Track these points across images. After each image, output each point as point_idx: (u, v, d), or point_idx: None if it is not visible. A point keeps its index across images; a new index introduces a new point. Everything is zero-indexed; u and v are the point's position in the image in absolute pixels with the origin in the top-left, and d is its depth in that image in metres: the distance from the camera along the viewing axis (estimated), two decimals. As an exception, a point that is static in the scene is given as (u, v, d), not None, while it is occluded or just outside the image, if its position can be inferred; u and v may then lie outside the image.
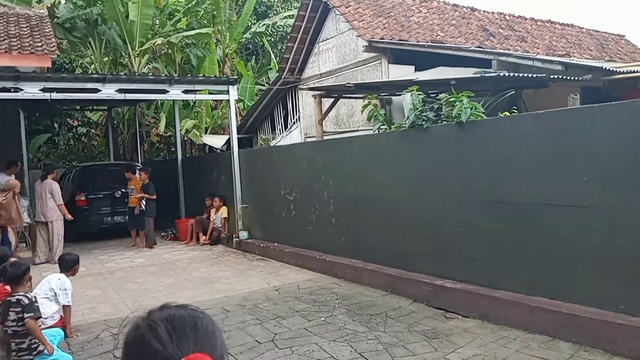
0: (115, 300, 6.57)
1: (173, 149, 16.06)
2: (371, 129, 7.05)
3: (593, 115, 4.33)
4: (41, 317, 4.23)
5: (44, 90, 8.54)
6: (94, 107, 16.58)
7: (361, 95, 10.44)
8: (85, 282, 7.74)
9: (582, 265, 4.33)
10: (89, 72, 17.53)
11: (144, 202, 10.39)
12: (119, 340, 0.98)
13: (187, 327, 0.96)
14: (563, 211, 4.45)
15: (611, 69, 8.22)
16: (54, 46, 9.97)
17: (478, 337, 4.51)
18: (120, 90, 9.37)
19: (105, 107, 16.16)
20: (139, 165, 12.33)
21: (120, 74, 14.11)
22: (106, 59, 17.29)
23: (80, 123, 19.14)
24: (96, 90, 9.10)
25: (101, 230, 11.96)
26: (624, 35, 19.15)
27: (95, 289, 7.29)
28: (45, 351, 4.02)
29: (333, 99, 11.01)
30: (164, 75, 12.88)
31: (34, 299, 4.05)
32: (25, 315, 3.89)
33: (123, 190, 11.40)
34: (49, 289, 4.95)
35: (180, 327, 0.95)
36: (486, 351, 4.18)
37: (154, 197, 10.36)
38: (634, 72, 8.28)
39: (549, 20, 17.23)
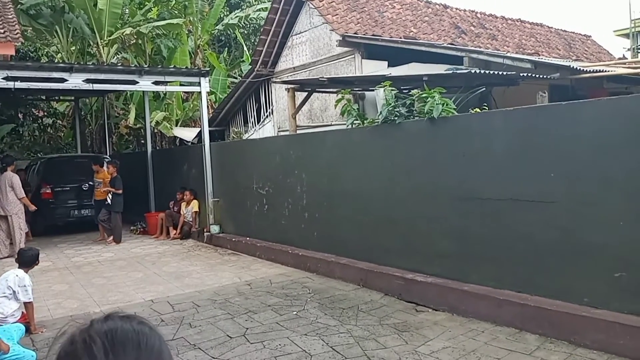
0: (82, 295, 6.42)
1: (143, 141, 15.76)
2: (344, 124, 7.06)
3: (561, 113, 4.43)
4: None
5: (7, 78, 8.24)
6: (61, 97, 16.14)
7: (335, 90, 10.44)
8: (52, 276, 7.55)
9: (548, 259, 4.44)
10: (55, 61, 17.03)
11: (110, 196, 10.16)
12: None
13: (129, 345, 0.83)
14: (530, 206, 4.55)
15: (578, 68, 8.42)
16: (17, 33, 9.62)
17: (447, 329, 4.59)
18: (87, 81, 9.12)
19: (73, 98, 15.74)
20: (107, 158, 12.07)
21: (88, 63, 13.73)
22: (73, 48, 16.81)
23: (46, 114, 18.58)
24: (62, 80, 8.84)
25: (68, 224, 11.66)
26: (590, 36, 19.68)
27: (62, 283, 7.11)
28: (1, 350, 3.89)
29: (306, 93, 10.98)
30: (133, 65, 12.60)
31: None
32: None
33: (90, 183, 11.14)
34: (7, 287, 4.80)
35: (120, 345, 0.82)
36: (455, 344, 4.25)
37: (120, 191, 10.13)
38: (599, 71, 8.51)
39: (519, 19, 17.57)
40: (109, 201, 10.15)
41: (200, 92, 10.23)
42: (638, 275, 3.87)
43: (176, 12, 17.48)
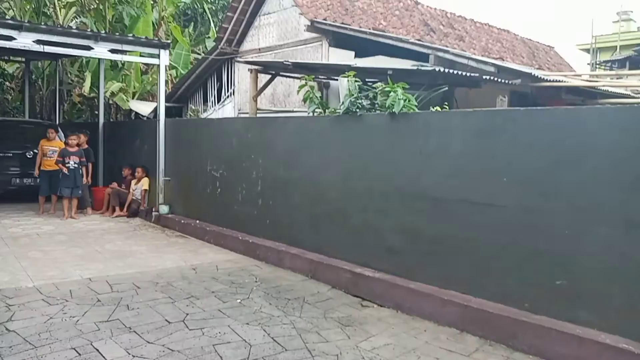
0: (16, 269, 6.06)
1: (96, 111, 15.11)
2: (306, 111, 6.92)
3: (518, 118, 4.45)
4: None
5: (-52, 32, 7.65)
6: (10, 57, 15.20)
7: (299, 76, 10.27)
8: (-17, 247, 7.11)
9: (493, 263, 4.48)
10: (7, 17, 16.04)
11: (77, 166, 9.66)
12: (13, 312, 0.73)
13: None
14: (481, 209, 4.57)
15: (539, 76, 8.60)
16: (-37, -16, 8.96)
17: (391, 326, 4.57)
18: (38, 42, 8.58)
19: (23, 59, 14.85)
20: (54, 125, 11.48)
21: (42, 23, 12.96)
22: (28, 6, 15.88)
23: (-7, 74, 17.52)
24: (10, 38, 8.28)
25: (8, 192, 11.02)
26: (553, 47, 20.22)
27: (-7, 255, 6.71)
28: None
29: (270, 76, 10.77)
30: (89, 30, 11.98)
31: None
32: None
33: (35, 151, 10.56)
34: None
35: None
36: (397, 341, 4.24)
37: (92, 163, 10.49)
38: (559, 81, 8.70)
39: (487, 23, 17.83)
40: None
41: (159, 65, 9.83)
42: (577, 284, 3.95)
43: (142, -21, 16.77)
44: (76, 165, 9.58)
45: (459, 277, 4.72)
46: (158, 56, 9.70)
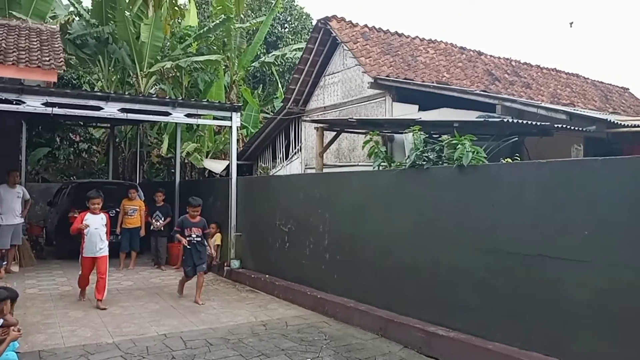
0: (97, 324, 6.36)
1: (173, 170, 16.02)
2: (371, 165, 6.98)
3: (596, 168, 4.24)
4: None
5: (46, 104, 8.51)
6: (97, 124, 16.60)
7: (363, 131, 10.43)
8: (70, 302, 7.55)
9: (579, 322, 4.17)
10: (95, 89, 17.64)
11: (160, 224, 10.66)
12: None
13: None
14: (561, 264, 4.32)
15: (615, 121, 8.21)
16: (61, 61, 10.00)
17: (468, 391, 4.32)
18: (122, 110, 9.35)
19: (109, 125, 16.17)
20: (134, 185, 12.25)
21: (125, 93, 14.15)
22: (114, 77, 17.43)
23: (82, 139, 19.15)
24: (98, 108, 9.08)
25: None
26: (628, 88, 19.34)
27: (79, 310, 7.09)
28: None
29: (335, 133, 11.00)
30: (167, 97, 12.90)
31: None
32: None
33: (118, 209, 11.27)
34: None
35: None
36: (476, 407, 3.99)
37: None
38: (637, 126, 8.26)
39: (555, 68, 17.43)
40: (156, 227, 10.61)
41: (231, 126, 10.35)
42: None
43: (215, 47, 18.00)
44: (199, 239, 7.72)
45: (542, 337, 4.42)
46: (230, 118, 10.23)
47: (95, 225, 7.45)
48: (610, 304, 3.98)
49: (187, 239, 7.63)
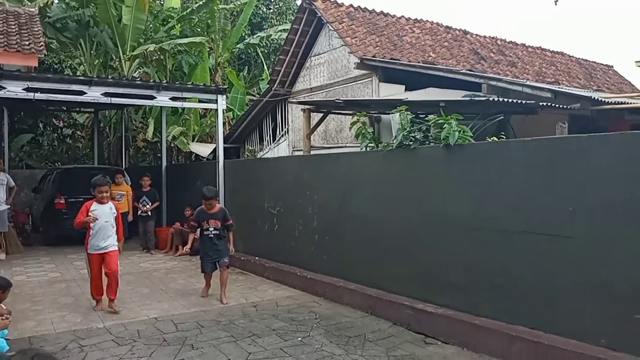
0: (87, 309, 6.36)
1: (159, 155, 15.89)
2: (359, 146, 6.99)
3: (581, 145, 4.29)
4: None
5: (28, 89, 8.37)
6: (81, 109, 16.36)
7: (350, 112, 10.41)
8: (59, 288, 7.53)
9: (565, 296, 4.27)
10: (78, 73, 17.34)
11: (147, 208, 10.66)
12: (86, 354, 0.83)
13: None
14: (547, 240, 4.40)
15: (599, 99, 8.29)
16: (41, 45, 9.81)
17: (457, 365, 4.42)
18: (106, 94, 9.22)
19: (92, 110, 15.95)
20: (121, 170, 12.15)
21: (109, 77, 13.92)
22: (96, 61, 17.12)
23: (65, 124, 18.86)
24: (82, 93, 8.95)
25: (81, 235, 11.64)
26: (612, 66, 19.49)
27: (68, 296, 7.08)
28: None
29: (322, 114, 10.97)
30: (152, 81, 12.72)
31: None
32: None
33: (104, 195, 11.18)
34: None
35: None
36: (464, 381, 4.08)
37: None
38: (621, 103, 8.35)
39: (540, 47, 17.48)
40: (147, 213, 10.62)
41: (217, 109, 10.27)
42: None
43: (199, 29, 17.71)
44: (217, 232, 6.81)
45: (528, 311, 4.52)
46: (216, 101, 10.15)
47: (104, 217, 6.36)
48: (594, 279, 4.08)
49: (205, 232, 6.80)
